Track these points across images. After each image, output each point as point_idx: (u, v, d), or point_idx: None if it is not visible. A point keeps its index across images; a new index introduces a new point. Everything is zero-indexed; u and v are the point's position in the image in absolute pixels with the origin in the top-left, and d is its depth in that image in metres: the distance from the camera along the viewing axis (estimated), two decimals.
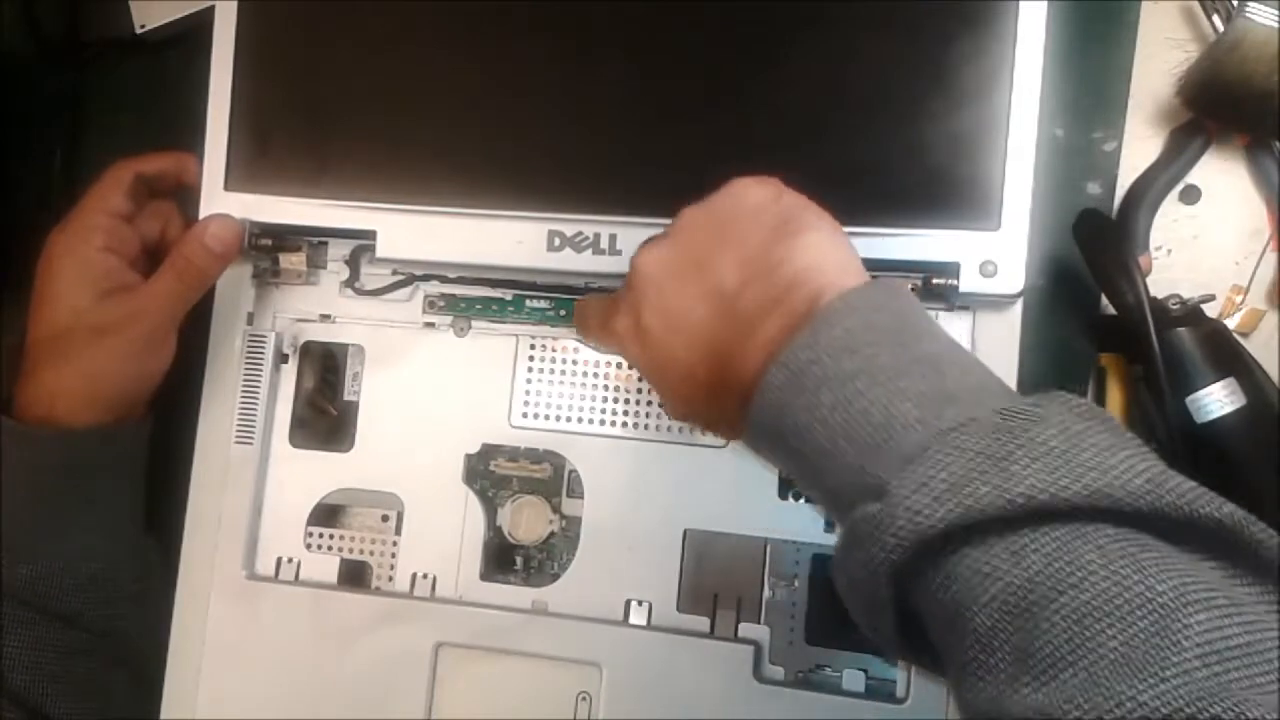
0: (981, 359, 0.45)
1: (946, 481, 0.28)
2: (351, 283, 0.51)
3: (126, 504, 0.50)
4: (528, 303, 0.50)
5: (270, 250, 0.50)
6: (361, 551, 0.51)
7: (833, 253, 0.35)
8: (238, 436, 0.51)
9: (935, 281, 0.44)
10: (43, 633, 0.46)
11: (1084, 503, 0.27)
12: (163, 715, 0.49)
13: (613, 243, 0.46)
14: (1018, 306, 0.45)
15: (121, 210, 0.49)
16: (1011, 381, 0.45)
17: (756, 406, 0.33)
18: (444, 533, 0.49)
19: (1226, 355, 0.44)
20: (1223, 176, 0.49)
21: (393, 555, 0.50)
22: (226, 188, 0.50)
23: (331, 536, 0.51)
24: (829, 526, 0.46)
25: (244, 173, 0.50)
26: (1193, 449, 0.44)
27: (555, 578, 0.49)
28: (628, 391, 0.49)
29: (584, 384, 0.49)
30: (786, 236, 0.35)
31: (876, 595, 0.30)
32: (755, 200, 0.37)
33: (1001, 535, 0.27)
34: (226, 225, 0.49)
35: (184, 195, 0.52)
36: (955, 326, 0.46)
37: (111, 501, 0.49)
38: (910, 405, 0.30)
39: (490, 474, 0.50)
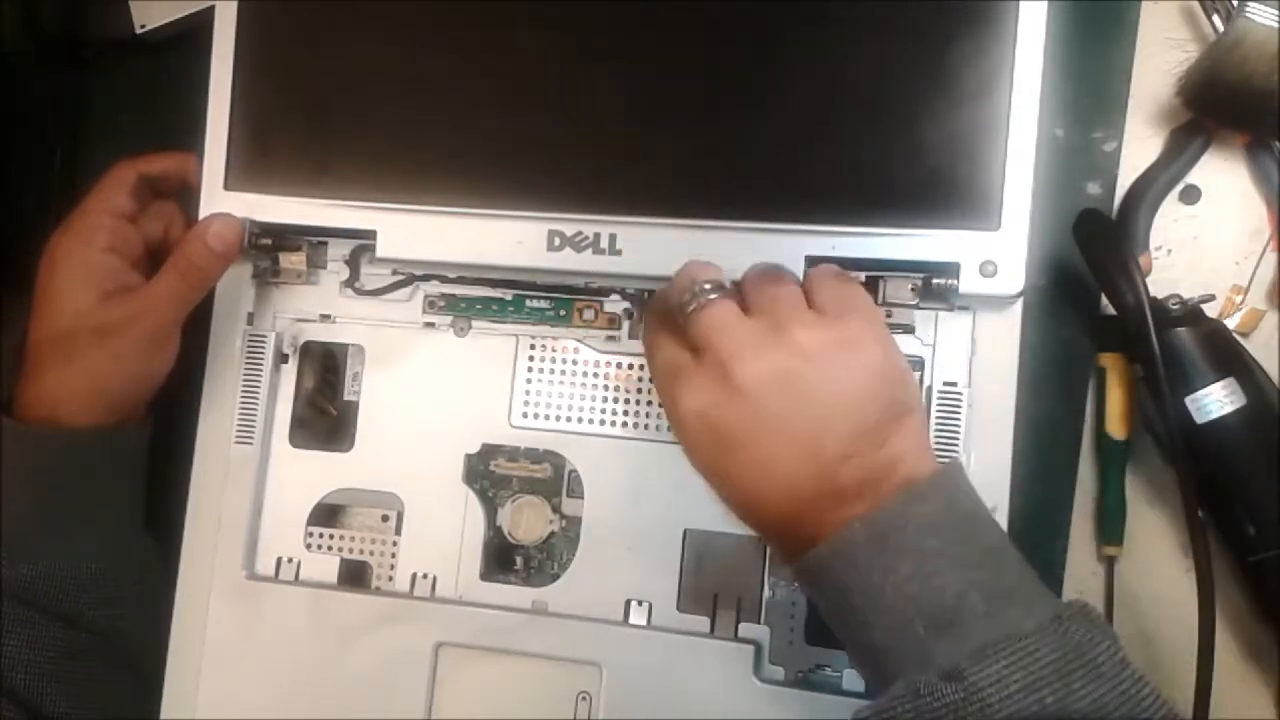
0: (981, 359, 0.45)
1: (1020, 683, 0.31)
2: (351, 283, 0.51)
3: (127, 504, 0.50)
4: (528, 303, 0.50)
5: (270, 250, 0.50)
6: (361, 551, 0.51)
7: (923, 435, 0.38)
8: (238, 436, 0.51)
9: (935, 281, 0.44)
10: (43, 632, 0.46)
11: None
12: (163, 715, 0.49)
13: (613, 242, 0.46)
14: (1018, 307, 0.45)
15: (124, 210, 0.49)
16: (1012, 381, 0.45)
17: (830, 551, 0.35)
18: (444, 533, 0.49)
19: (1226, 355, 0.44)
20: (1223, 176, 0.49)
21: (393, 555, 0.50)
22: (226, 187, 0.50)
23: (331, 536, 0.51)
24: None
25: (244, 172, 0.50)
26: (1193, 449, 0.44)
27: (555, 578, 0.49)
28: (628, 391, 0.49)
29: (584, 384, 0.49)
30: (896, 418, 0.36)
31: None
32: (876, 357, 0.36)
33: None
34: (228, 225, 0.49)
35: (186, 195, 0.52)
36: (955, 326, 0.46)
37: (112, 502, 0.49)
38: (980, 596, 0.33)
39: (490, 474, 0.50)
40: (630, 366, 0.49)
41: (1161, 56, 0.49)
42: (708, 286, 0.38)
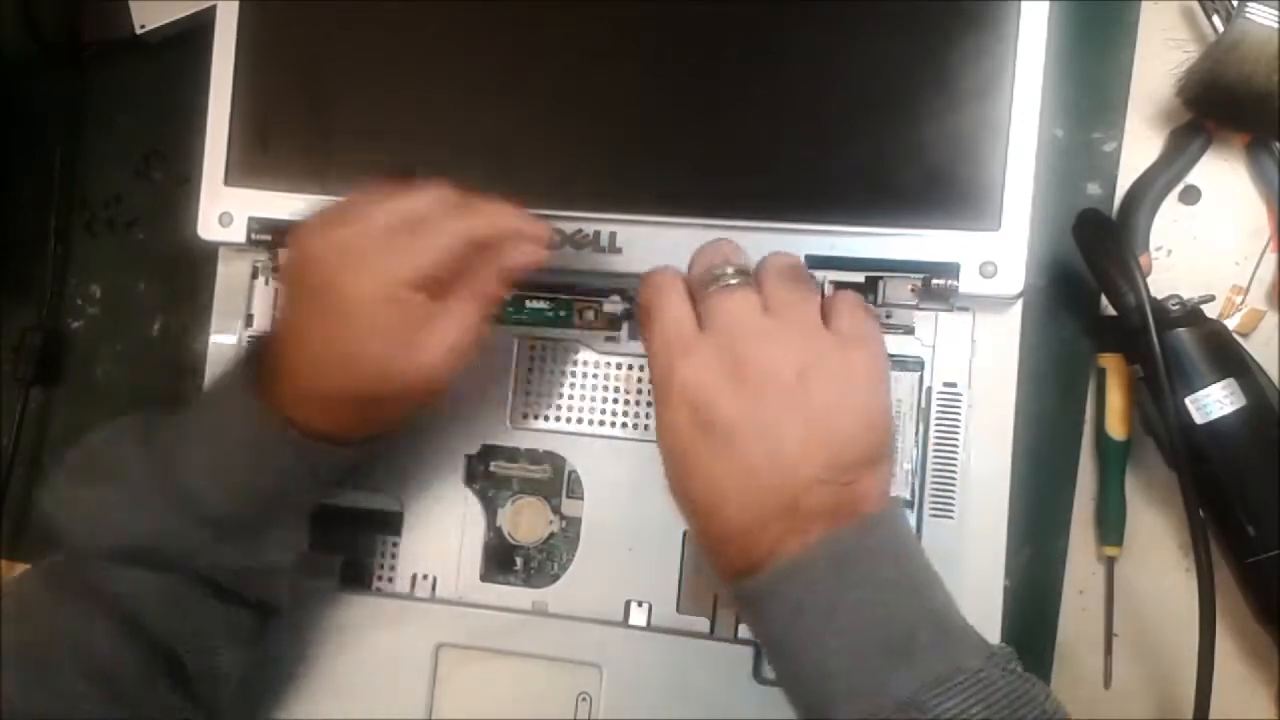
0: (981, 360, 0.45)
1: (980, 716, 0.32)
2: None
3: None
4: (528, 303, 0.50)
5: (271, 245, 0.50)
6: (362, 552, 0.51)
7: (888, 482, 0.37)
8: None
9: (935, 282, 0.44)
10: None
11: None
12: None
13: (613, 241, 0.46)
14: (1018, 307, 0.45)
15: None
16: (1012, 382, 0.45)
17: (790, 567, 0.34)
18: (444, 534, 0.49)
19: (1226, 355, 0.44)
20: (1223, 176, 0.49)
21: (393, 556, 0.50)
22: (227, 182, 0.50)
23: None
24: None
25: (245, 168, 0.50)
26: (1193, 449, 0.44)
27: (555, 578, 0.49)
28: (627, 392, 0.49)
29: (584, 384, 0.49)
30: (872, 463, 0.36)
31: None
32: (872, 397, 0.36)
33: None
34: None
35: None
36: (955, 327, 0.46)
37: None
38: (928, 628, 0.34)
39: (490, 475, 0.50)
40: (630, 367, 0.49)
41: (1161, 56, 0.49)
42: (732, 271, 0.37)
